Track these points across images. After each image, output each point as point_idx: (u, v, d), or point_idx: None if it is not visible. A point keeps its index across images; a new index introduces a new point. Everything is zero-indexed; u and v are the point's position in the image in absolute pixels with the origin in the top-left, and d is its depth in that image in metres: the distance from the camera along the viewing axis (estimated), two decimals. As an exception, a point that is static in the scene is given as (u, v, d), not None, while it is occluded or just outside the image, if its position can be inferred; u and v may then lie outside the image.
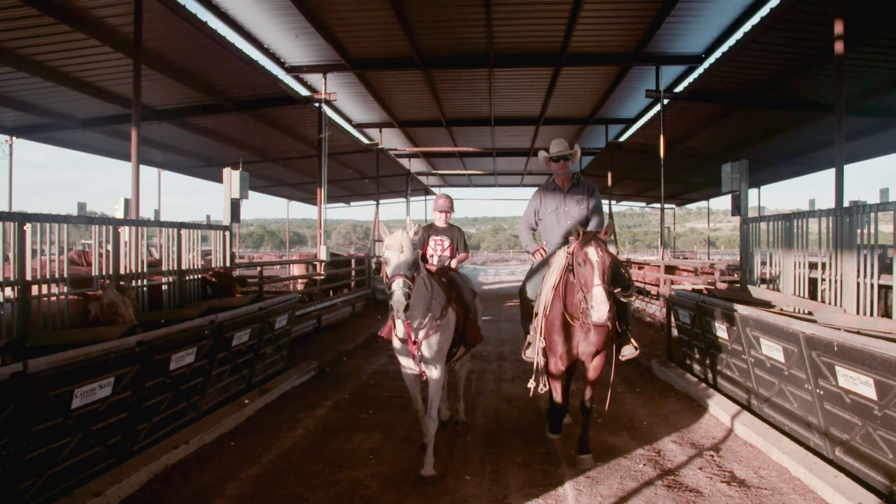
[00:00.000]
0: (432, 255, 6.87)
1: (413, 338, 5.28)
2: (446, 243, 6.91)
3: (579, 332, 5.38)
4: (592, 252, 4.82)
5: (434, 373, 5.39)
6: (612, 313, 4.65)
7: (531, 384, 5.74)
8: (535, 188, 6.87)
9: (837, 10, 8.61)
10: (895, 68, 12.55)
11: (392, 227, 5.04)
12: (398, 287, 4.59)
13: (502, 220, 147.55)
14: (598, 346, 5.42)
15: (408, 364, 5.54)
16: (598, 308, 4.62)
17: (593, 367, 5.61)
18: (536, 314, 5.72)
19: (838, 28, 8.53)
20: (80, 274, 6.77)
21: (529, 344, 5.98)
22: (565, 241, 5.90)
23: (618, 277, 5.44)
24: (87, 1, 9.56)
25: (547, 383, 5.80)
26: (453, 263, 6.79)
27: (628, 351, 5.68)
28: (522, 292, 6.36)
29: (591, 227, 6.23)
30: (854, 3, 9.38)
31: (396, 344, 5.51)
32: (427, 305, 5.21)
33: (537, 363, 5.73)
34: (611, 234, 4.85)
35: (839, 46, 8.57)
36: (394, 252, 4.78)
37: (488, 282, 32.49)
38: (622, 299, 5.55)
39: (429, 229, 6.98)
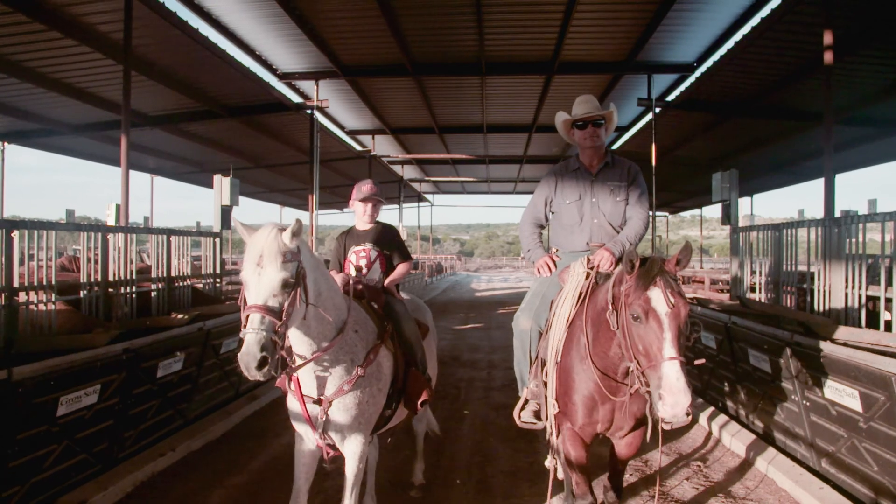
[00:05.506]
0: (358, 270, 4.55)
1: (317, 395, 3.53)
2: (373, 254, 4.59)
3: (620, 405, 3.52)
4: (659, 299, 2.94)
5: (351, 446, 3.64)
6: (692, 406, 2.87)
7: (550, 463, 4.17)
8: (536, 189, 4.82)
9: (826, 20, 8.67)
10: (884, 79, 12.65)
11: (257, 227, 3.19)
12: (251, 331, 2.88)
13: (496, 226, 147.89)
14: (639, 416, 3.60)
15: (305, 432, 3.69)
16: (673, 400, 2.78)
17: (626, 444, 3.87)
18: (544, 361, 3.93)
19: (827, 38, 8.58)
20: (69, 280, 6.75)
21: (527, 402, 4.26)
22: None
23: None
24: (78, 7, 9.54)
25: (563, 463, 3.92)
26: (387, 283, 4.55)
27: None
28: (517, 326, 4.44)
29: (632, 230, 4.25)
30: (843, 14, 9.44)
31: (293, 405, 3.67)
32: (325, 334, 3.44)
33: (551, 434, 3.96)
34: (687, 261, 3.09)
35: (828, 57, 8.62)
36: (250, 267, 3.01)
37: (481, 289, 32.65)
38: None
39: (346, 236, 4.76)
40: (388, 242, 4.67)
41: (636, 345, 3.02)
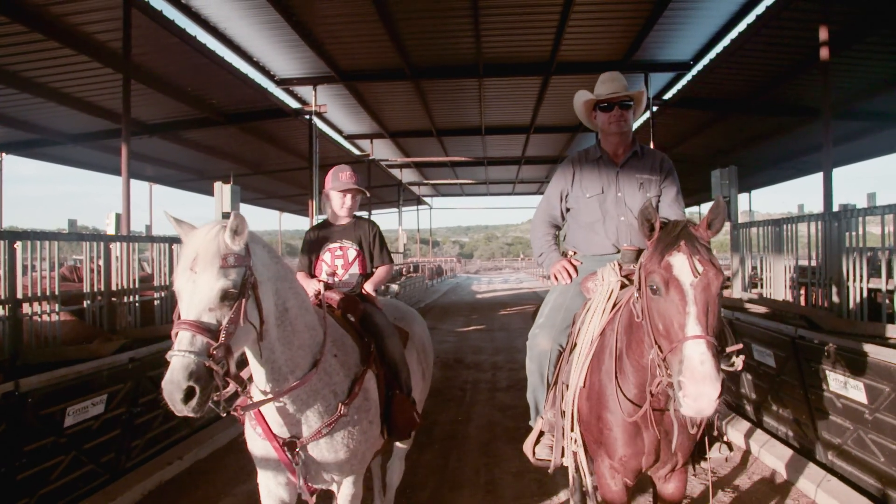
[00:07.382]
0: (331, 276, 3.88)
1: (289, 434, 2.94)
2: (351, 253, 3.91)
3: (653, 425, 2.83)
4: (683, 265, 2.36)
5: (344, 489, 3.19)
6: (723, 399, 2.34)
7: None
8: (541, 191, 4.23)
9: (822, 16, 8.70)
10: (881, 72, 12.67)
11: (194, 225, 2.65)
12: (178, 353, 2.25)
13: (495, 228, 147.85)
14: (687, 452, 3.00)
15: (274, 481, 3.14)
16: (696, 390, 2.18)
17: (675, 486, 3.18)
18: (566, 386, 3.27)
19: (823, 34, 8.61)
20: (72, 291, 6.76)
21: (542, 434, 3.62)
22: (617, 251, 3.55)
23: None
24: (76, 17, 9.56)
25: None
26: (368, 288, 3.88)
27: (719, 452, 3.21)
28: (534, 346, 3.62)
29: None
30: (838, 10, 9.46)
31: (255, 448, 3.09)
32: (296, 362, 2.83)
33: (574, 478, 3.47)
34: (720, 224, 2.49)
35: (824, 52, 8.65)
36: (183, 273, 2.41)
37: (482, 290, 32.71)
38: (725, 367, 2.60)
39: (319, 231, 4.04)
40: (368, 240, 3.97)
41: (656, 324, 2.44)
